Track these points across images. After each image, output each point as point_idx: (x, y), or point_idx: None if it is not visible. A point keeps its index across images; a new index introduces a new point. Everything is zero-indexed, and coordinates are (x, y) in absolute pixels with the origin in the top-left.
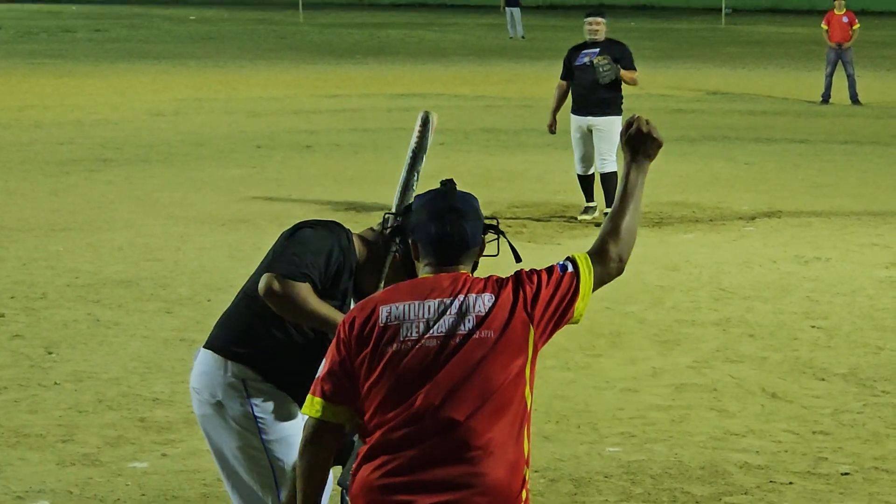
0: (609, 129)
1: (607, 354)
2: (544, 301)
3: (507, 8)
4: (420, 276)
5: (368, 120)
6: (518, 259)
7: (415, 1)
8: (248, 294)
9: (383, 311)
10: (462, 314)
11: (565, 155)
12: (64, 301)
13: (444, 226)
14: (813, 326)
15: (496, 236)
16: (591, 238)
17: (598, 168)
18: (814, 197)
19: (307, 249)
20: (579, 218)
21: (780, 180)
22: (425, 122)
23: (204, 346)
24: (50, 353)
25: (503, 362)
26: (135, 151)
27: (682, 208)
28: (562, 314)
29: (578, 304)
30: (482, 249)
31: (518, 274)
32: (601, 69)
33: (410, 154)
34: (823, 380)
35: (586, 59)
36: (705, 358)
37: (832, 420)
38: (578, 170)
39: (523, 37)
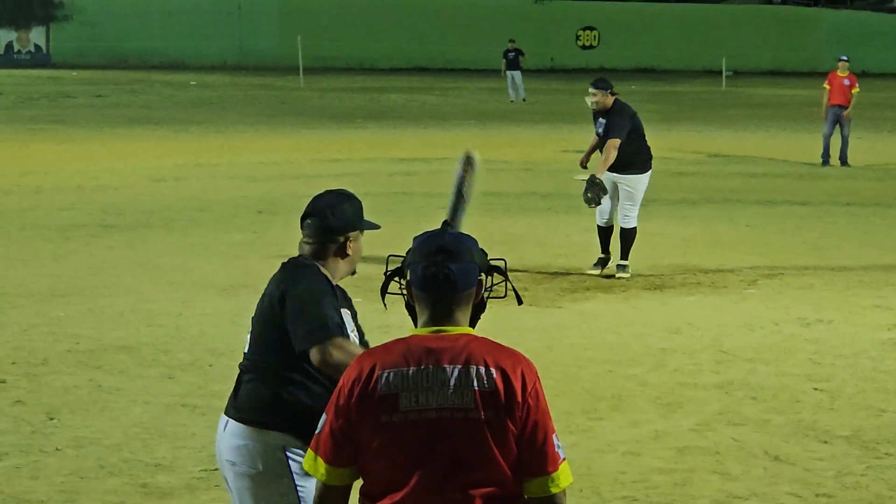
0: (633, 186)
1: (609, 417)
2: (527, 443)
3: (507, 72)
4: (418, 329)
5: (370, 184)
6: (520, 301)
7: (415, 65)
8: (264, 370)
9: (382, 377)
10: (461, 388)
11: (567, 218)
12: (65, 367)
13: (430, 267)
14: (815, 389)
15: (502, 279)
16: (592, 302)
17: (619, 222)
18: (816, 259)
19: (318, 303)
20: (588, 271)
21: (781, 242)
22: (469, 162)
23: (234, 419)
24: (51, 419)
25: (499, 440)
26: (136, 217)
27: (683, 271)
28: (522, 461)
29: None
30: (479, 291)
31: (536, 389)
32: (589, 200)
33: (454, 198)
34: (826, 442)
35: (599, 130)
36: (708, 421)
37: (835, 483)
38: (599, 221)
39: (524, 99)
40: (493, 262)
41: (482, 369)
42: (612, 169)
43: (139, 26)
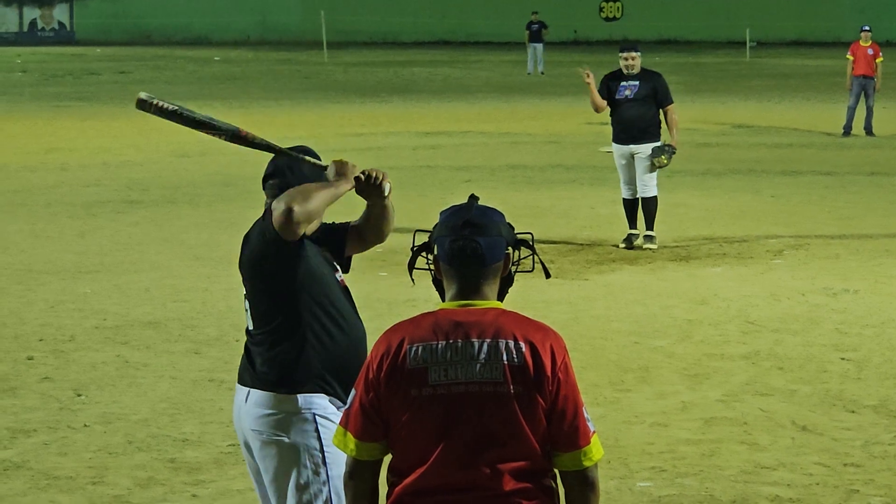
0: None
1: (636, 389)
2: (558, 417)
3: (530, 44)
4: (446, 303)
5: (394, 158)
6: (548, 275)
7: (438, 38)
8: (273, 332)
9: (411, 351)
10: (490, 361)
11: (591, 191)
12: (92, 343)
13: (457, 240)
14: (842, 358)
15: (529, 252)
16: (618, 274)
17: (640, 192)
18: (841, 229)
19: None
20: (621, 245)
21: (806, 213)
22: (148, 104)
23: (256, 388)
24: (79, 396)
25: (528, 415)
26: (161, 193)
27: (709, 242)
28: (553, 436)
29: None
30: (507, 265)
31: (566, 363)
32: (664, 160)
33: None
34: (854, 412)
35: (626, 93)
36: (735, 391)
37: (863, 452)
38: (624, 194)
39: (543, 73)
40: (520, 236)
41: (511, 343)
42: (629, 140)
43: (162, 2)
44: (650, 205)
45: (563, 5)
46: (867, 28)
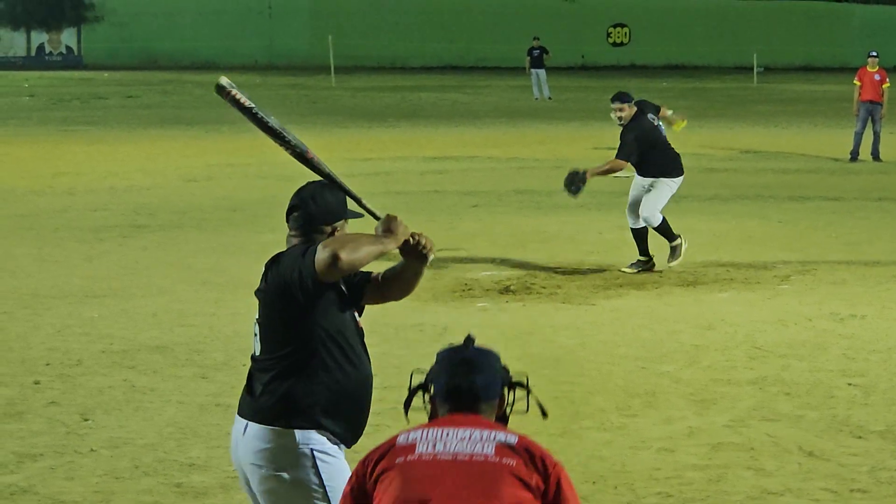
0: (659, 187)
1: (643, 414)
2: None
3: (532, 70)
4: None
5: (401, 183)
6: (545, 415)
7: (446, 63)
8: (280, 365)
9: (400, 437)
10: (481, 441)
11: (599, 216)
12: (99, 367)
13: (454, 378)
14: (850, 384)
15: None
16: (625, 299)
17: (642, 218)
18: (848, 254)
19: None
20: (670, 264)
21: (814, 238)
22: (227, 91)
23: (255, 421)
24: (86, 420)
25: (511, 488)
26: (168, 217)
27: (716, 267)
28: None
29: None
30: (502, 404)
31: (558, 472)
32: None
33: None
34: (861, 437)
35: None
36: (742, 417)
37: (870, 478)
38: (633, 224)
39: (550, 98)
40: (514, 380)
41: (503, 434)
42: (647, 173)
43: (170, 27)
44: (643, 232)
45: (571, 31)
46: (875, 53)
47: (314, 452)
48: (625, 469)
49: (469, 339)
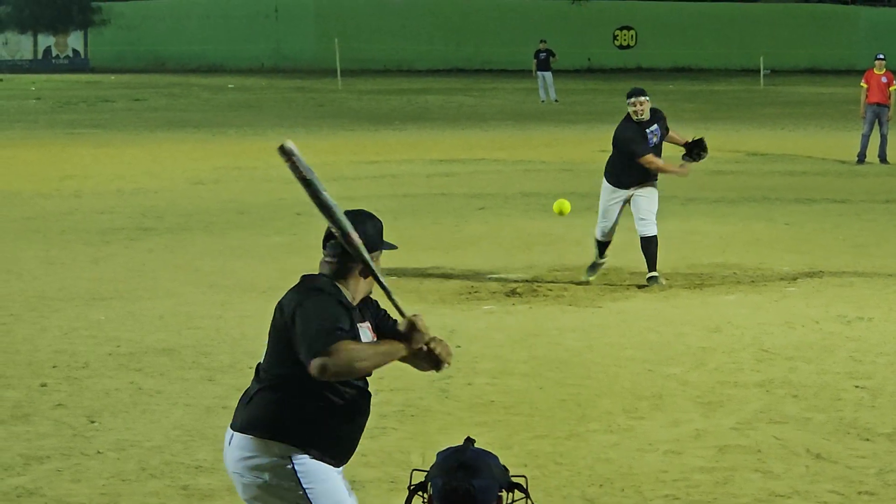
0: (651, 193)
1: (650, 417)
2: None
3: (538, 72)
4: None
5: (408, 185)
6: None
7: (453, 66)
8: (273, 380)
9: None
10: None
11: None
12: (106, 370)
13: (450, 481)
14: (857, 386)
15: (523, 496)
16: (631, 301)
17: (640, 231)
18: (855, 256)
19: (320, 315)
20: (586, 276)
21: (820, 240)
22: (288, 154)
23: (238, 431)
24: (92, 422)
25: None
26: (175, 220)
27: (722, 269)
28: None
29: None
30: None
31: None
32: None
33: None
34: (868, 440)
35: (654, 140)
36: (749, 419)
37: (877, 480)
38: (600, 236)
39: (556, 100)
40: (513, 479)
41: None
42: (630, 184)
43: (176, 30)
44: (650, 245)
45: (577, 33)
46: (881, 56)
47: (293, 458)
48: (632, 471)
49: (469, 441)
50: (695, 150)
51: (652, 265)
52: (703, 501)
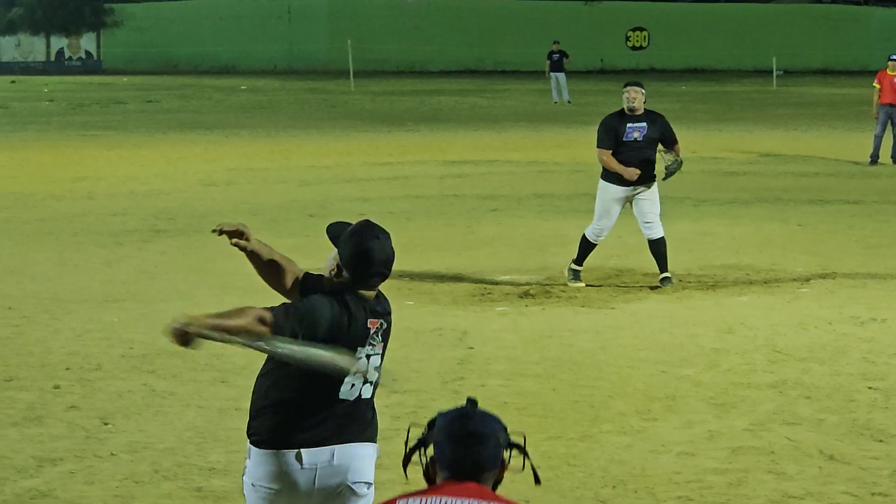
0: (653, 195)
1: (663, 418)
2: None
3: (552, 73)
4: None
5: (421, 187)
6: (538, 481)
7: (466, 67)
8: (270, 368)
9: (400, 502)
10: None
11: (618, 220)
12: (119, 372)
13: (460, 450)
14: (870, 388)
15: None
16: (644, 303)
17: (646, 234)
18: (868, 258)
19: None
20: (569, 281)
21: (833, 241)
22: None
23: (370, 440)
24: (105, 424)
25: None
26: (188, 221)
27: (735, 271)
28: None
29: None
30: (503, 469)
31: None
32: (672, 168)
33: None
34: (881, 441)
35: (635, 135)
36: (762, 420)
37: (891, 481)
38: (597, 237)
39: (569, 101)
40: (512, 440)
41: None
42: (629, 182)
43: (189, 32)
44: (660, 246)
45: (590, 34)
46: (894, 57)
47: (250, 452)
48: (645, 473)
49: (472, 403)
50: (670, 160)
51: (663, 266)
52: (716, 503)
